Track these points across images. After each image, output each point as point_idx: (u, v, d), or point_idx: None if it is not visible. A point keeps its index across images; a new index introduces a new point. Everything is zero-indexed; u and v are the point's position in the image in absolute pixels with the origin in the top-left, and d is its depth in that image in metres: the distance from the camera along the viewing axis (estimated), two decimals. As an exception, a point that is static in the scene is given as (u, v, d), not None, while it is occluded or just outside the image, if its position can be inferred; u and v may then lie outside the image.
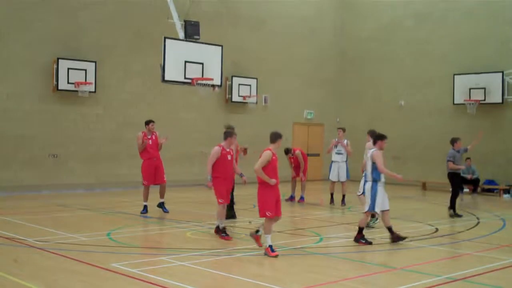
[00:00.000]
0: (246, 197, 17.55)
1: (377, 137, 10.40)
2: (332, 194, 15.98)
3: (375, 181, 10.02)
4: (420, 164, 22.97)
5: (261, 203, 9.03)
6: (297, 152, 16.54)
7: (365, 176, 10.56)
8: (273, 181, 8.90)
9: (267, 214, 8.91)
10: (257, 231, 9.28)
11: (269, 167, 8.92)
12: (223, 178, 10.25)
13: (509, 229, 12.49)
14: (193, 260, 8.47)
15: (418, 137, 23.30)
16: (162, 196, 13.59)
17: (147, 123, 13.69)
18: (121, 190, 18.82)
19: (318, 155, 24.67)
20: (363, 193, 11.77)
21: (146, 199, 13.42)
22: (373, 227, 11.55)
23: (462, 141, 14.12)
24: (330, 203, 15.84)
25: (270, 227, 8.96)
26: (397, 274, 7.86)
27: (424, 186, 21.84)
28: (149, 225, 12.03)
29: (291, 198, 16.56)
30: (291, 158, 16.70)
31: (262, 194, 9.05)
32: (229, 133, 10.42)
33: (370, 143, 11.57)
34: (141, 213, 13.24)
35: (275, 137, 9.20)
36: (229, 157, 10.32)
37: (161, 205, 13.54)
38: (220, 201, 10.30)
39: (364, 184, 10.49)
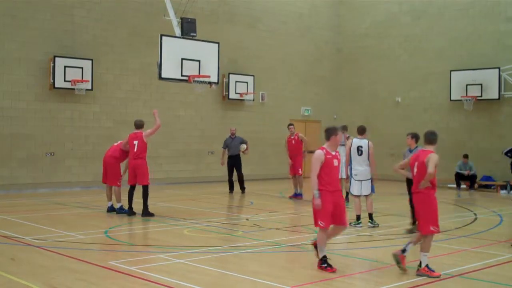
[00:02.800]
0: (244, 194, 17.58)
1: None
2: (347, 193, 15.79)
3: None
4: (417, 160, 22.98)
5: (426, 215, 7.64)
6: (301, 135, 16.60)
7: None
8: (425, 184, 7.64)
9: (431, 229, 7.57)
10: (404, 250, 7.76)
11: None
12: (328, 191, 7.71)
13: (506, 225, 12.53)
14: (190, 257, 8.47)
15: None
16: (119, 199, 12.93)
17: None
18: (118, 188, 18.78)
19: (312, 152, 24.67)
20: (372, 191, 11.76)
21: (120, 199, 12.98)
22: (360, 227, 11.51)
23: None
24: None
25: (430, 244, 7.71)
26: (394, 271, 7.87)
27: (421, 183, 21.86)
28: (147, 223, 12.02)
29: (295, 196, 16.44)
30: (291, 141, 16.55)
31: (427, 204, 7.64)
32: (332, 130, 8.04)
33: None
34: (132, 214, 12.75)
35: (434, 137, 7.90)
36: (335, 162, 7.87)
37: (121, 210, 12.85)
38: (320, 223, 7.73)
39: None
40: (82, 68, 18.07)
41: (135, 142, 12.59)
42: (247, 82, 22.28)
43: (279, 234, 10.63)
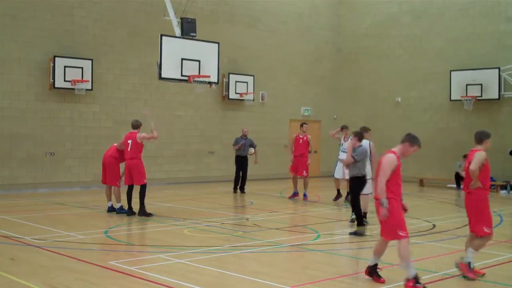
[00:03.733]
0: (243, 194, 17.58)
1: None
2: (338, 191, 15.75)
3: None
4: (417, 160, 22.90)
5: (478, 217, 7.60)
6: (310, 137, 16.60)
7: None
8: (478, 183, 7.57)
9: (485, 230, 7.55)
10: (469, 263, 7.56)
11: (482, 172, 7.62)
12: (397, 199, 7.11)
13: (506, 225, 12.54)
14: (190, 257, 8.47)
15: (415, 133, 23.27)
16: (118, 199, 12.99)
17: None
18: (118, 188, 18.78)
19: (315, 152, 24.66)
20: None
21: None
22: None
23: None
24: (335, 199, 15.65)
25: (482, 245, 7.71)
26: (394, 271, 7.86)
27: (421, 183, 21.87)
28: (147, 222, 12.02)
29: (294, 195, 16.44)
30: (298, 140, 16.53)
31: (478, 205, 7.63)
32: (410, 139, 7.37)
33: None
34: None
35: (482, 136, 7.93)
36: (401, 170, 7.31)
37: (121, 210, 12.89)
38: (401, 233, 7.00)
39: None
40: (82, 68, 18.07)
41: (129, 142, 12.60)
42: (247, 82, 22.28)
43: (279, 234, 10.63)
